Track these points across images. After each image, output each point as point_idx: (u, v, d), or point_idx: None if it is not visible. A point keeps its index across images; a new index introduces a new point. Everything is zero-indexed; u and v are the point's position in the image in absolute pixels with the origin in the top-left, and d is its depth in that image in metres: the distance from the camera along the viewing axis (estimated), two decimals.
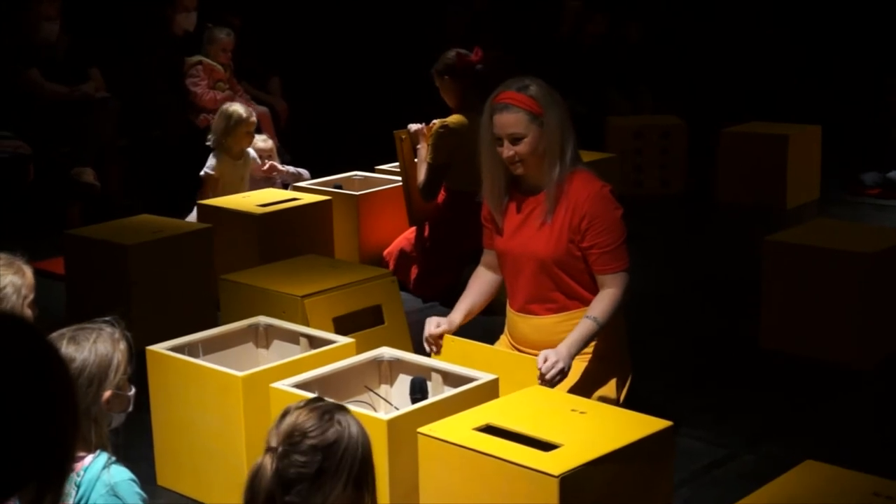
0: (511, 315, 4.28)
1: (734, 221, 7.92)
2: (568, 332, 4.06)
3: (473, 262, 4.54)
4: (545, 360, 3.85)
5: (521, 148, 4.05)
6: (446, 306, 6.11)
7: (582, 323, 4.01)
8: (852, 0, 10.74)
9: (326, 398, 2.50)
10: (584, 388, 4.06)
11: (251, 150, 7.04)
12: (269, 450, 2.33)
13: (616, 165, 7.59)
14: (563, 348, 3.92)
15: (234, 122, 6.82)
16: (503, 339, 4.36)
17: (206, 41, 8.35)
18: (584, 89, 10.01)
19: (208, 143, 6.92)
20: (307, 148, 8.64)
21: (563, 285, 4.12)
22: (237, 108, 6.91)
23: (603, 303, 4.04)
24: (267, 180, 7.11)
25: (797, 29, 10.88)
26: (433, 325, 4.18)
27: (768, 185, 8.19)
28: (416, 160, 6.30)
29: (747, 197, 8.20)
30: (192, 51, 8.37)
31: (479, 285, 4.33)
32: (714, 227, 7.94)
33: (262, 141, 7.19)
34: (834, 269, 5.30)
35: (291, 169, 7.34)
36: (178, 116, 8.12)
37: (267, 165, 7.09)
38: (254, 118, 6.95)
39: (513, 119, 4.05)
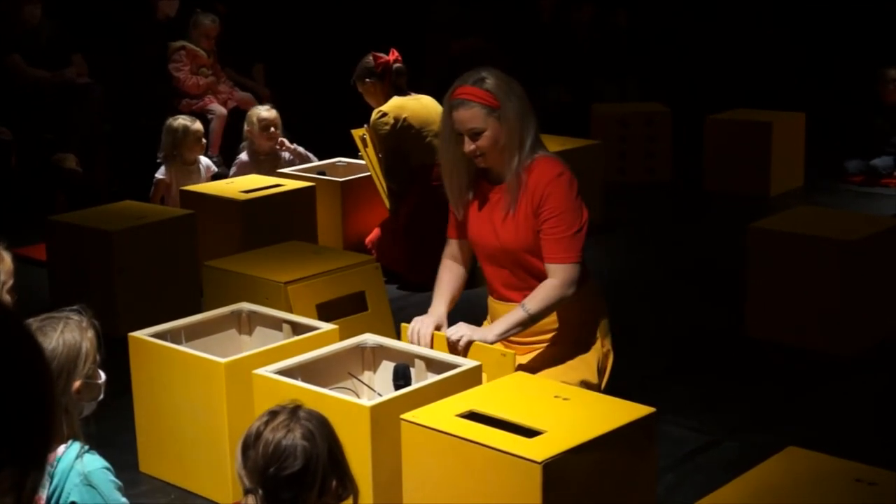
0: (491, 303, 4.26)
1: (719, 209, 7.93)
2: (556, 314, 4.07)
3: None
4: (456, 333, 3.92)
5: (482, 142, 4.01)
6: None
7: (514, 311, 3.99)
8: None
9: (277, 406, 2.55)
10: (565, 375, 4.05)
11: (204, 158, 7.04)
12: (248, 492, 2.38)
13: (601, 153, 7.57)
14: (483, 333, 3.94)
15: (181, 135, 6.83)
16: (486, 325, 4.34)
17: (190, 26, 8.34)
18: (572, 77, 10.01)
19: (158, 160, 6.91)
20: (291, 135, 8.61)
21: (536, 272, 4.07)
22: (180, 120, 6.91)
23: (540, 294, 3.97)
24: (272, 155, 7.07)
25: (784, 20, 10.88)
26: (427, 327, 4.06)
27: (753, 173, 8.19)
28: (379, 154, 6.39)
29: (732, 184, 8.20)
30: (177, 37, 8.35)
31: (450, 279, 4.26)
32: (699, 214, 7.94)
33: (266, 111, 7.14)
34: (818, 257, 5.30)
35: (301, 149, 7.30)
36: (163, 103, 8.09)
37: (278, 141, 7.09)
38: (197, 125, 6.93)
39: (470, 114, 4.00)
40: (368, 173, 6.65)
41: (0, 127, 7.47)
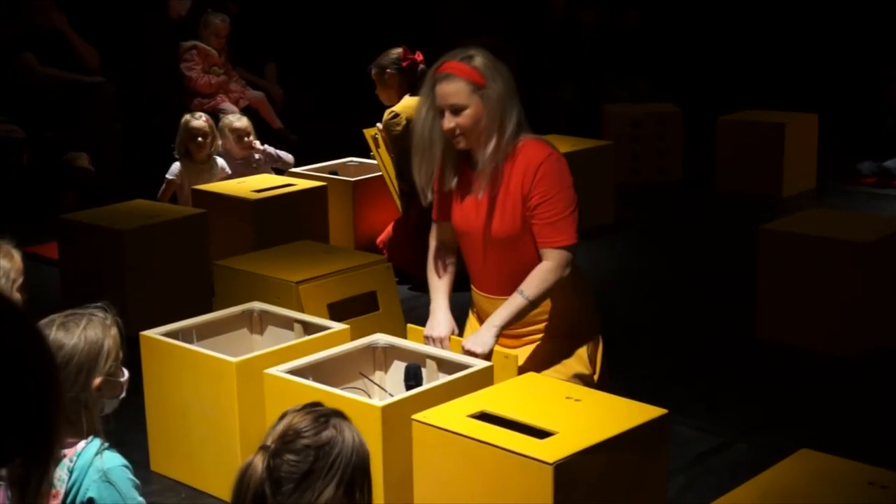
0: (478, 297, 4.13)
1: (731, 210, 7.92)
2: (539, 312, 4.01)
3: None
4: (465, 349, 3.87)
5: (462, 120, 3.88)
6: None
7: (512, 299, 3.89)
8: None
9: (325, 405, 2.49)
10: (557, 371, 3.97)
11: (219, 158, 7.04)
12: (262, 448, 2.33)
13: (613, 153, 7.57)
14: (487, 329, 3.87)
15: (182, 130, 6.84)
16: (472, 319, 4.23)
17: (201, 26, 8.36)
18: (583, 77, 10.01)
19: (175, 154, 6.92)
20: (303, 134, 8.63)
21: (527, 260, 3.96)
22: (187, 117, 6.92)
23: (536, 279, 3.88)
24: (245, 160, 7.10)
25: (796, 21, 10.86)
26: (446, 339, 4.01)
27: (765, 174, 8.18)
28: (391, 155, 6.38)
29: (744, 185, 8.19)
30: (189, 36, 8.36)
31: (444, 270, 4.16)
32: (711, 215, 7.93)
33: (237, 120, 7.18)
34: (829, 258, 5.29)
35: (271, 149, 7.32)
36: (174, 102, 8.10)
37: (255, 146, 7.13)
38: (200, 122, 6.91)
39: (454, 89, 3.88)
40: (380, 173, 6.65)
41: (12, 125, 7.48)
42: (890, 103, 8.49)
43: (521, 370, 3.89)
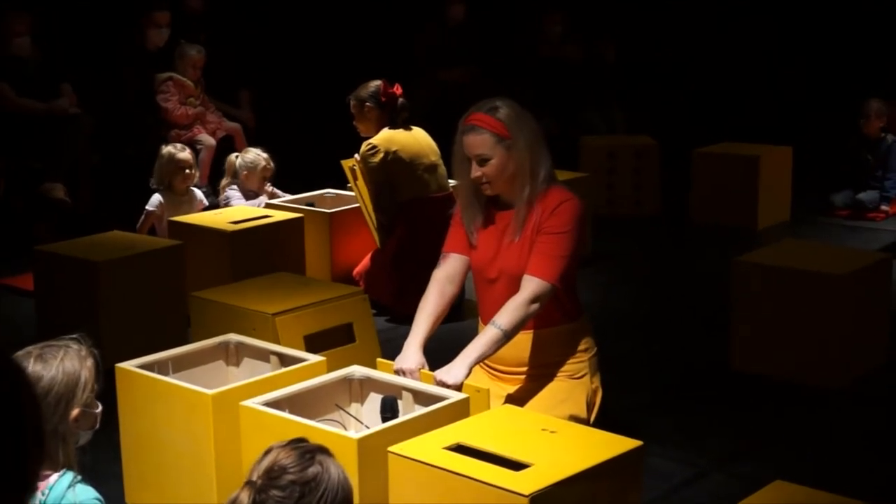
0: None
1: (706, 242, 7.95)
2: (546, 348, 4.06)
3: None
4: (437, 381, 3.87)
5: (488, 170, 4.06)
6: None
7: (486, 330, 3.99)
8: (825, 24, 10.83)
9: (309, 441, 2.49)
10: (554, 408, 4.06)
11: (197, 191, 7.04)
12: (248, 483, 2.33)
13: (589, 185, 7.59)
14: (460, 361, 3.90)
15: (165, 162, 6.84)
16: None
17: (176, 57, 8.36)
18: (560, 109, 10.05)
19: (152, 188, 6.91)
20: (279, 165, 8.62)
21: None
22: (169, 148, 6.92)
23: (508, 311, 3.96)
24: (256, 195, 7.11)
25: (771, 54, 10.94)
26: (414, 374, 4.01)
27: (740, 206, 8.23)
28: (368, 186, 6.39)
29: (719, 217, 8.24)
30: (164, 67, 8.36)
31: (435, 304, 4.19)
32: (687, 247, 7.97)
33: (268, 162, 7.18)
34: (803, 290, 5.32)
35: (278, 191, 7.36)
36: (151, 133, 8.10)
37: (270, 189, 7.18)
38: (184, 154, 6.91)
39: (479, 140, 4.06)
40: (357, 204, 6.66)
41: None
42: (864, 135, 8.55)
43: (518, 404, 3.96)
